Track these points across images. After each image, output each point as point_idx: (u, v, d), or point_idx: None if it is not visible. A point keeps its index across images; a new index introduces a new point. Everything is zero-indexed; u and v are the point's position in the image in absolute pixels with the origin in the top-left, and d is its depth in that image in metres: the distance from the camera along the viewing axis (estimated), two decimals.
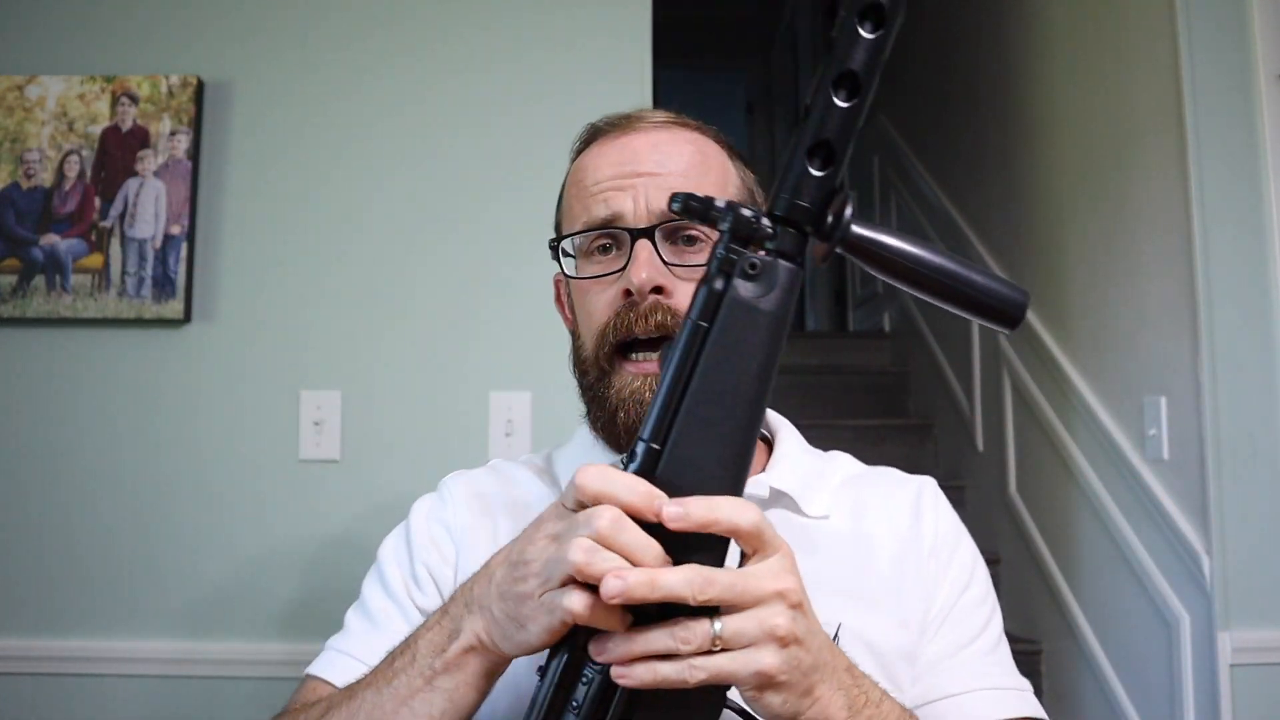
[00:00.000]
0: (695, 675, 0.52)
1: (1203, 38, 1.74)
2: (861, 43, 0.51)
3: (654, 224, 0.76)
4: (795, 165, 0.53)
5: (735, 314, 0.54)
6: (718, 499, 0.53)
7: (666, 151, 0.79)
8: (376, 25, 1.76)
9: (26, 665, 1.60)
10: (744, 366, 0.54)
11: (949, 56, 3.10)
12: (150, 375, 1.67)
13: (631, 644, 0.53)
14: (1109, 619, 2.07)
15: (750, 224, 0.53)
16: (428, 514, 0.87)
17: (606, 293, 0.78)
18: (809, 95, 0.53)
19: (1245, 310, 1.70)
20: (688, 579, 0.52)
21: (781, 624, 0.53)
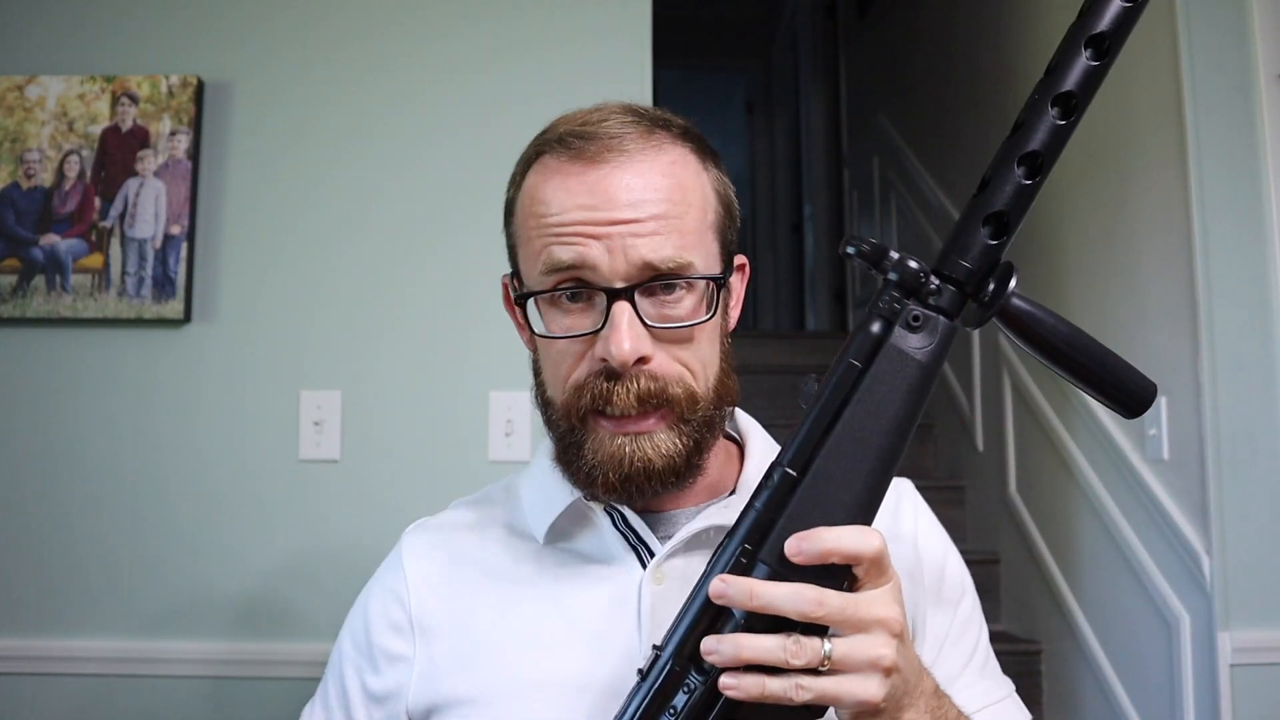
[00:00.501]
0: (801, 695, 0.54)
1: (1203, 38, 1.74)
2: (1050, 127, 0.54)
3: (633, 284, 0.68)
4: (969, 230, 0.56)
5: (892, 360, 0.56)
6: (842, 529, 0.55)
7: (641, 190, 0.69)
8: (376, 25, 1.76)
9: (26, 665, 1.60)
10: (892, 411, 0.56)
11: (949, 56, 3.10)
12: (150, 375, 1.67)
13: (741, 645, 0.54)
14: (1109, 619, 2.07)
15: (918, 278, 0.56)
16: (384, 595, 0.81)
17: (578, 348, 0.70)
18: (992, 165, 0.56)
19: (1245, 310, 1.70)
20: (796, 593, 0.54)
21: (887, 654, 0.55)
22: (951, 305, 0.56)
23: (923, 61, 3.38)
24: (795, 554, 0.55)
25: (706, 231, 0.73)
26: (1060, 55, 0.55)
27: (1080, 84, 0.54)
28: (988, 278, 0.56)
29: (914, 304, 0.56)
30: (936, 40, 3.23)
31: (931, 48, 3.28)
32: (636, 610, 0.73)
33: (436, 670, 0.76)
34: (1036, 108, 0.54)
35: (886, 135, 3.76)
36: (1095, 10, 0.54)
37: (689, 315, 0.70)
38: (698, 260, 0.70)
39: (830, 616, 0.54)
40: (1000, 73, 2.66)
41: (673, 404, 0.69)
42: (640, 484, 0.70)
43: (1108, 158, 2.07)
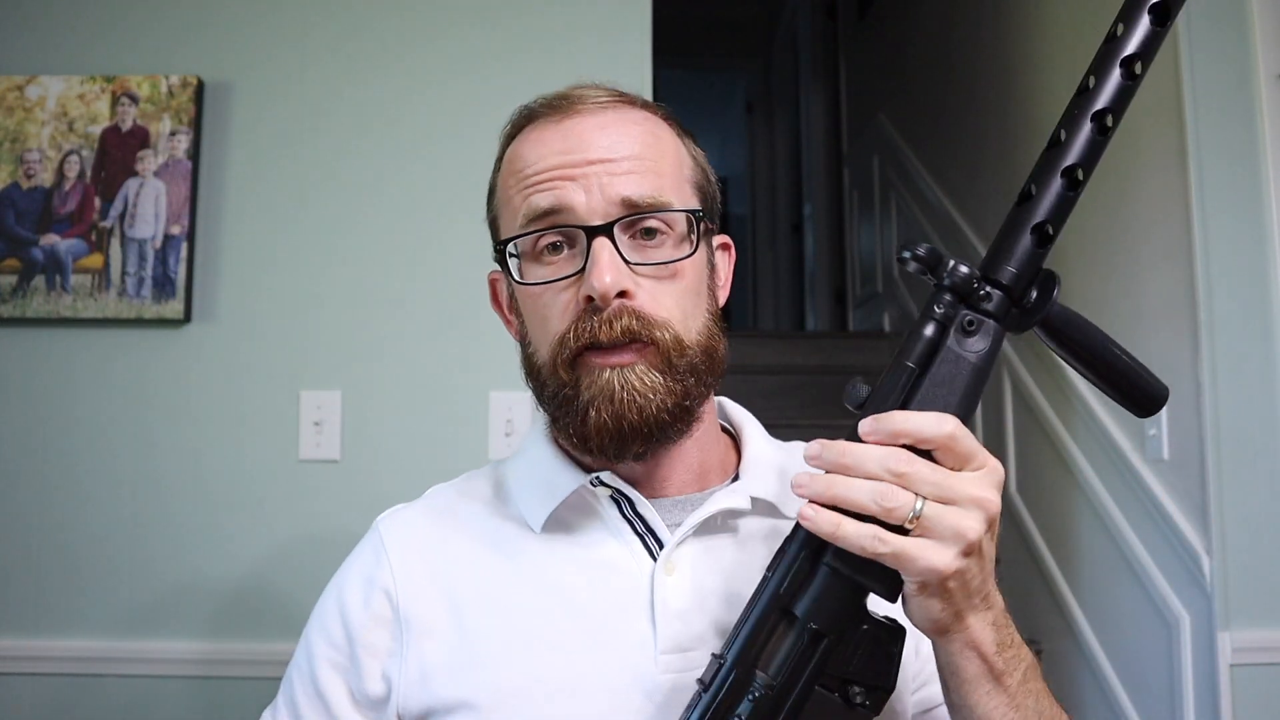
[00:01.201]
0: (878, 546, 0.53)
1: (1203, 38, 1.74)
2: (1087, 138, 0.57)
3: (612, 220, 0.68)
4: (1016, 238, 0.58)
5: (950, 364, 0.58)
6: (916, 413, 0.56)
7: (616, 134, 0.70)
8: (376, 25, 1.76)
9: (25, 665, 1.60)
10: (950, 412, 0.58)
11: (949, 56, 3.10)
12: (150, 375, 1.67)
13: (835, 482, 0.54)
14: (1109, 619, 2.07)
15: (970, 283, 0.58)
16: (364, 585, 0.76)
17: (562, 297, 0.69)
18: (1034, 177, 0.58)
19: (1245, 310, 1.70)
20: (884, 454, 0.54)
21: (973, 529, 0.54)
22: (999, 310, 0.58)
23: (923, 61, 3.38)
24: (868, 433, 0.55)
25: (684, 182, 0.73)
26: (1094, 73, 0.57)
27: (1114, 101, 0.57)
28: (1031, 285, 0.59)
29: (966, 309, 0.58)
30: (936, 40, 3.23)
31: (931, 48, 3.28)
32: (649, 602, 0.70)
33: (430, 671, 0.71)
34: (1076, 123, 0.57)
35: (886, 135, 3.76)
36: (1127, 33, 0.57)
37: (670, 255, 0.70)
38: (676, 201, 0.70)
39: (917, 476, 0.54)
40: (1000, 73, 2.66)
41: (657, 344, 0.68)
42: (633, 421, 0.67)
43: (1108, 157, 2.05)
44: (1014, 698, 0.60)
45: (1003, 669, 0.59)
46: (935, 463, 0.56)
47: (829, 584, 0.57)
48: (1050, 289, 0.58)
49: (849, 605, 0.58)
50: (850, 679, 0.59)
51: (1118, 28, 0.57)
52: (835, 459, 0.55)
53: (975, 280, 0.58)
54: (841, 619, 0.58)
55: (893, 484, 0.54)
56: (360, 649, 0.74)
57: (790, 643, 0.58)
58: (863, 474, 0.54)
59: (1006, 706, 0.60)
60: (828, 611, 0.57)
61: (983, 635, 0.58)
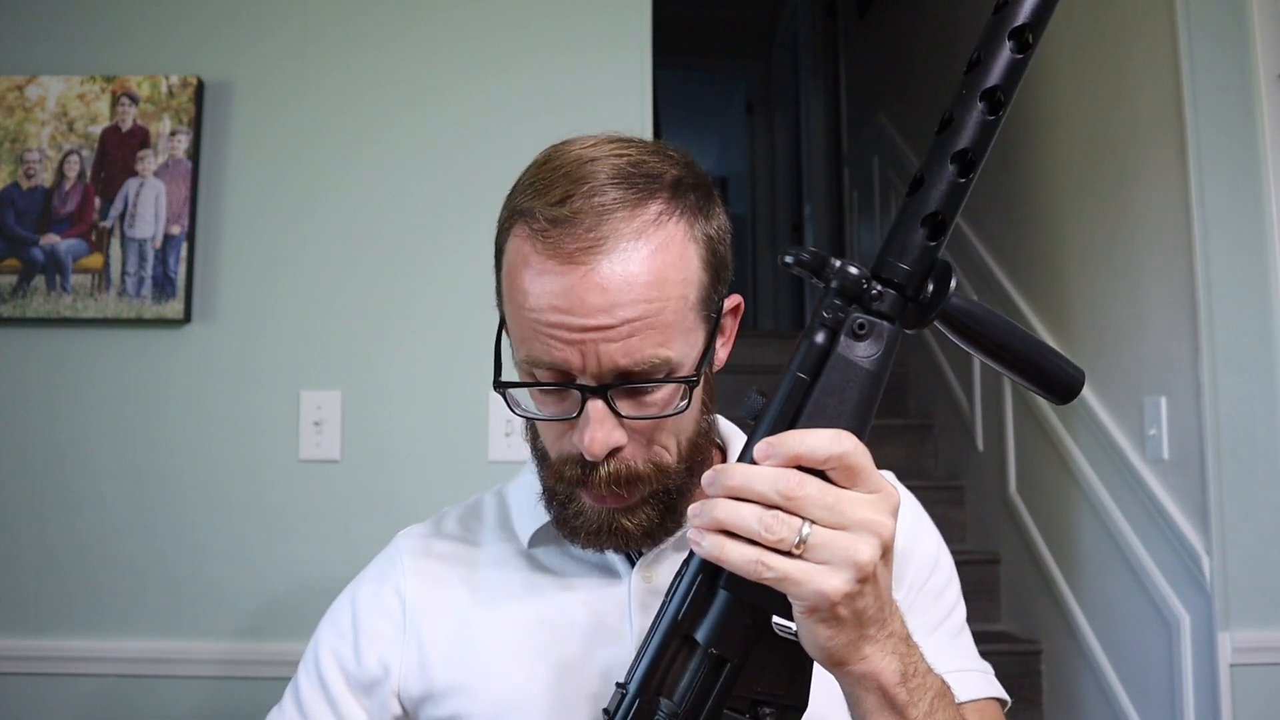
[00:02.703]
0: (761, 571, 0.51)
1: (1203, 38, 1.74)
2: (981, 122, 0.54)
3: (606, 385, 0.68)
4: (907, 232, 0.55)
5: (840, 371, 0.55)
6: (807, 431, 0.53)
7: (617, 294, 0.66)
8: (378, 26, 1.76)
9: (25, 665, 1.60)
10: (844, 422, 0.55)
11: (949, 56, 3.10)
12: (150, 375, 1.67)
13: (718, 509, 0.53)
14: (1109, 619, 2.07)
15: (860, 284, 0.55)
16: (378, 583, 0.83)
17: (556, 427, 0.73)
18: (924, 165, 0.55)
19: (1245, 310, 1.70)
20: (774, 476, 0.52)
21: (866, 554, 0.52)
22: (893, 309, 0.56)
23: (923, 61, 3.39)
24: (764, 457, 0.53)
25: (687, 315, 0.70)
26: (983, 49, 0.54)
27: (1005, 77, 0.53)
28: (926, 279, 0.56)
29: (857, 311, 0.55)
30: (936, 40, 3.23)
31: (931, 48, 3.28)
32: (627, 606, 0.77)
33: (428, 659, 0.78)
34: (965, 103, 0.54)
35: (886, 135, 3.76)
36: (1016, 3, 0.53)
37: (664, 405, 0.70)
38: (675, 351, 0.69)
39: (809, 499, 0.52)
40: None
41: (643, 481, 0.71)
42: (618, 546, 0.74)
43: (1108, 158, 2.07)
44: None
45: (906, 700, 0.56)
46: (830, 481, 0.53)
47: (727, 608, 0.56)
48: (946, 281, 0.55)
49: (749, 627, 0.56)
50: (759, 700, 0.57)
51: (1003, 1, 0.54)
52: (725, 484, 0.53)
53: (865, 280, 0.55)
54: (743, 641, 0.56)
55: (781, 509, 0.52)
56: (362, 636, 0.80)
57: (693, 669, 0.56)
58: (754, 496, 0.52)
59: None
60: (728, 635, 0.56)
61: (882, 665, 0.55)
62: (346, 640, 0.81)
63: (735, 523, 0.52)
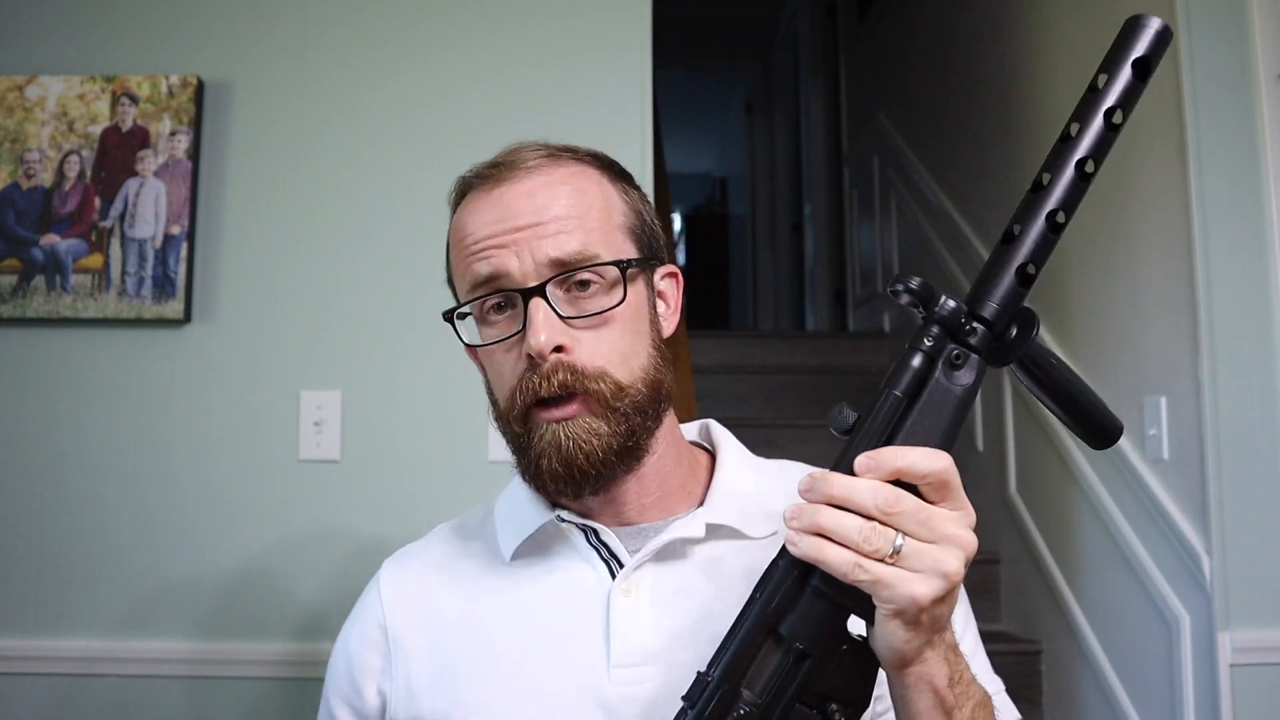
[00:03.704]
0: (858, 574, 0.55)
1: (1203, 38, 1.74)
2: (1074, 186, 0.60)
3: (543, 280, 0.74)
4: (1004, 279, 0.60)
5: (937, 395, 0.60)
6: (907, 448, 0.58)
7: (542, 199, 0.76)
8: (377, 26, 1.76)
9: (25, 665, 1.60)
10: (936, 442, 0.60)
11: (949, 56, 3.10)
12: (150, 376, 1.67)
13: (819, 515, 0.56)
14: (1109, 619, 2.07)
15: (959, 320, 0.60)
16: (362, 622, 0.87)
17: (510, 354, 0.77)
18: (1018, 218, 0.61)
19: (1245, 310, 1.70)
20: (875, 489, 0.56)
21: (953, 567, 0.56)
22: (981, 344, 0.61)
23: (923, 61, 3.39)
24: (865, 470, 0.57)
25: (614, 230, 0.78)
26: (1082, 123, 0.61)
27: (1096, 149, 0.61)
28: (1012, 322, 0.61)
29: (953, 343, 0.60)
30: (936, 40, 3.23)
31: (931, 48, 3.28)
32: (605, 621, 0.77)
33: (414, 688, 0.80)
34: (1059, 169, 0.60)
35: (886, 135, 3.76)
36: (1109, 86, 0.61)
37: (602, 304, 0.75)
38: (605, 253, 0.76)
39: (905, 514, 0.56)
40: (1000, 72, 2.66)
41: (594, 395, 0.74)
42: (581, 466, 0.74)
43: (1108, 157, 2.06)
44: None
45: (953, 704, 0.61)
46: (920, 496, 0.58)
47: (814, 605, 0.59)
48: (1030, 328, 0.61)
49: (832, 626, 0.60)
50: (829, 696, 0.60)
51: (1100, 79, 0.61)
52: (826, 491, 0.57)
53: (962, 315, 0.60)
54: (824, 639, 0.60)
55: (879, 521, 0.56)
56: (357, 672, 0.84)
57: (776, 661, 0.60)
58: (854, 507, 0.56)
59: None
60: (812, 632, 0.59)
61: (937, 670, 0.60)
62: (344, 678, 0.85)
63: (837, 530, 0.56)
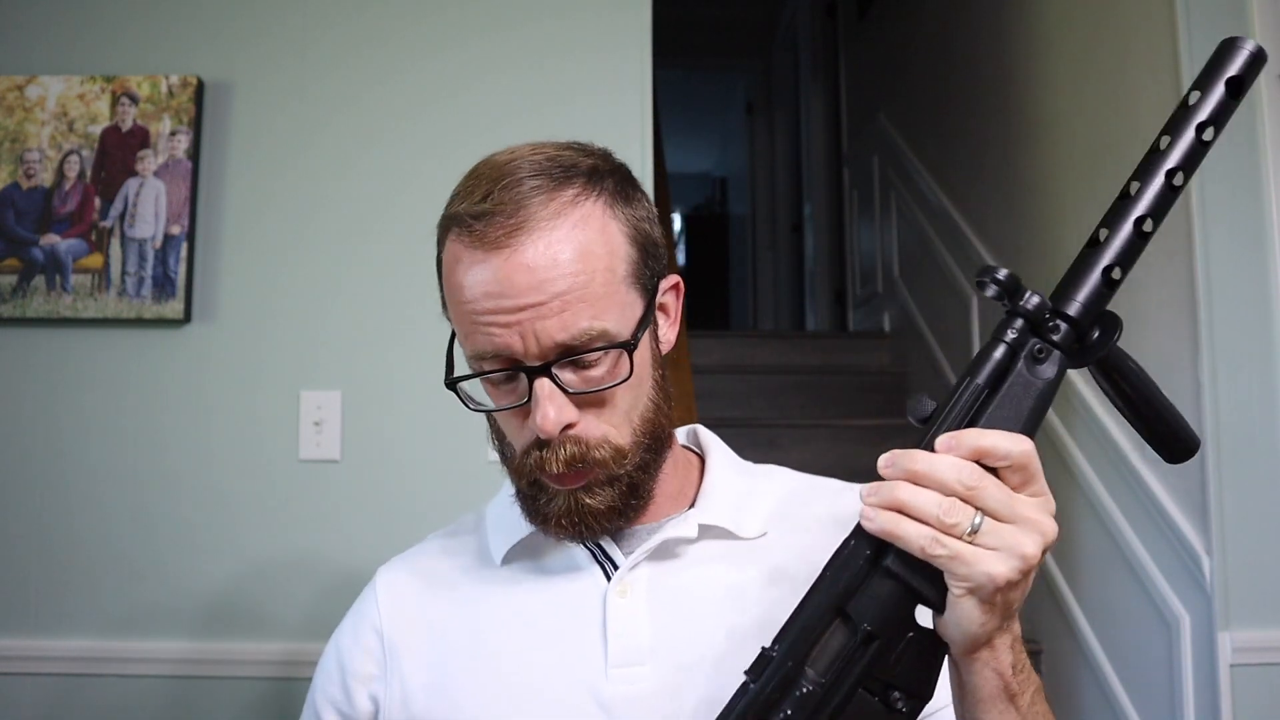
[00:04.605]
0: (936, 549, 0.55)
1: (1203, 38, 1.74)
2: (1165, 194, 0.61)
3: (549, 361, 0.71)
4: (1091, 280, 0.62)
5: (1018, 387, 0.61)
6: (989, 430, 0.58)
7: (544, 273, 0.70)
8: (378, 26, 1.76)
9: (26, 665, 1.60)
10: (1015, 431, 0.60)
11: (949, 56, 3.10)
12: (150, 375, 1.67)
13: (899, 490, 0.56)
14: (1109, 619, 2.07)
15: (1043, 315, 0.61)
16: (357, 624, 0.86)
17: (515, 419, 0.76)
18: (1106, 223, 0.62)
19: (1245, 310, 1.70)
20: (958, 465, 0.56)
21: (1031, 551, 0.56)
22: (1064, 342, 0.61)
23: (923, 61, 3.38)
24: (947, 449, 0.57)
25: (618, 287, 0.73)
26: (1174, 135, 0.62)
27: (1187, 161, 0.61)
28: (1095, 324, 0.62)
29: (1035, 337, 0.61)
30: (936, 40, 3.23)
31: (931, 48, 3.28)
32: (601, 621, 0.77)
33: (410, 694, 0.79)
34: (1150, 177, 0.61)
35: (886, 135, 3.76)
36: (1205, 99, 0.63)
37: (609, 375, 0.74)
38: (610, 323, 0.72)
39: (986, 492, 0.56)
40: (1000, 72, 2.66)
41: (599, 465, 0.74)
42: (590, 524, 0.75)
43: (1108, 157, 2.07)
44: (1024, 717, 0.62)
45: (1017, 690, 0.61)
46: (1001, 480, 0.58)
47: (885, 586, 0.59)
48: (1112, 331, 0.61)
49: (901, 610, 0.59)
50: (893, 684, 0.60)
51: (1192, 96, 0.63)
52: (907, 466, 0.57)
53: (1047, 311, 0.61)
54: (893, 623, 0.59)
55: (959, 497, 0.56)
56: (350, 677, 0.83)
57: (842, 641, 0.59)
58: (934, 484, 0.56)
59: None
60: (881, 613, 0.59)
61: (1004, 656, 0.60)
62: (335, 683, 0.84)
63: (916, 505, 0.56)
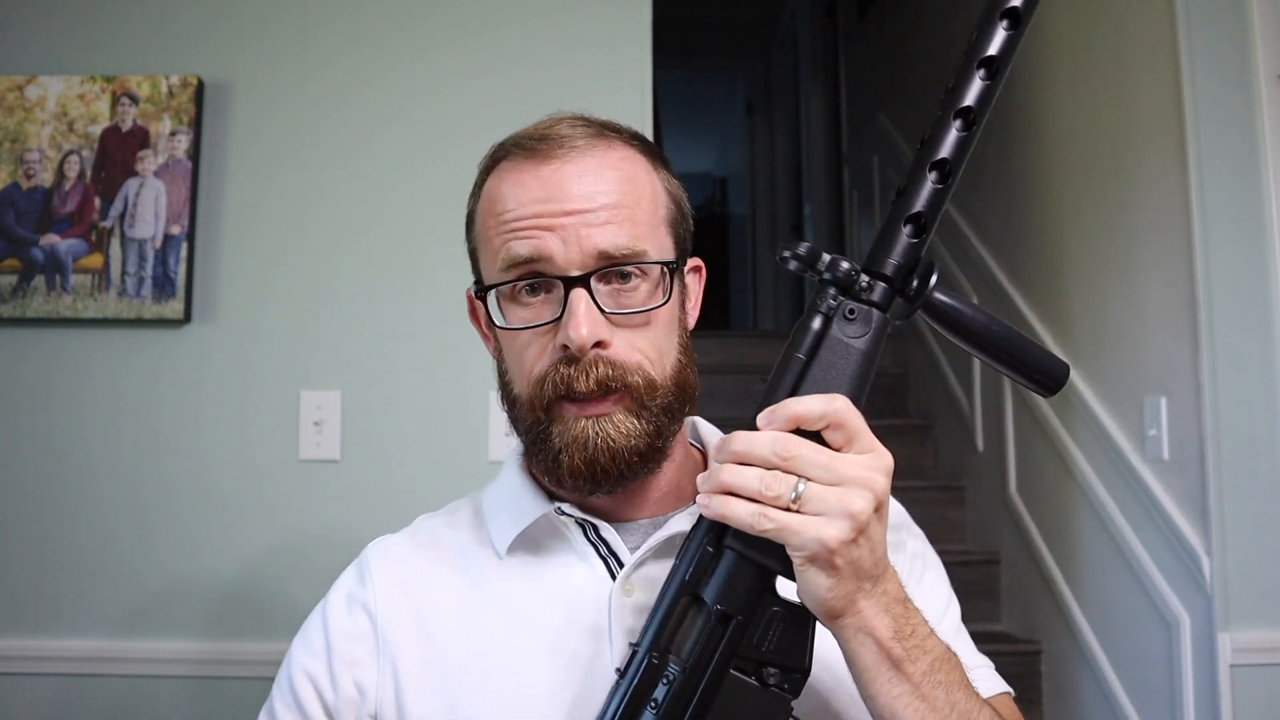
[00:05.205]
0: (762, 523, 0.56)
1: (1203, 38, 1.74)
2: (954, 135, 0.61)
3: (589, 271, 0.70)
4: (893, 230, 0.62)
5: (834, 351, 0.61)
6: (802, 397, 0.59)
7: (593, 182, 0.72)
8: (377, 26, 1.76)
9: (26, 665, 1.60)
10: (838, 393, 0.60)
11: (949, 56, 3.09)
12: (150, 376, 1.67)
13: (723, 473, 0.57)
14: (1109, 619, 2.07)
15: (850, 277, 0.61)
16: (348, 602, 0.80)
17: (540, 340, 0.72)
18: (907, 175, 0.62)
19: (1245, 310, 1.70)
20: (772, 439, 0.57)
21: (859, 506, 0.56)
22: (882, 299, 0.62)
23: (923, 61, 3.38)
24: (766, 423, 0.58)
25: (659, 225, 0.75)
26: (959, 76, 0.62)
27: (978, 100, 0.62)
28: (912, 274, 0.62)
29: (849, 300, 0.61)
30: (937, 40, 3.23)
31: (931, 48, 3.28)
32: (607, 622, 0.73)
33: (402, 685, 0.75)
34: (942, 123, 0.62)
35: (886, 135, 3.76)
36: (984, 36, 0.62)
37: (644, 302, 0.72)
38: (651, 249, 0.73)
39: (803, 458, 0.56)
40: None
41: (631, 390, 0.71)
42: (605, 464, 0.71)
43: (1108, 158, 2.07)
44: (918, 687, 0.59)
45: (902, 655, 0.59)
46: (826, 445, 0.58)
47: (732, 566, 0.60)
48: (928, 276, 0.61)
49: (754, 586, 0.60)
50: (764, 661, 0.60)
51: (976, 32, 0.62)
52: (730, 449, 0.58)
53: (855, 273, 0.61)
54: (748, 600, 0.60)
55: (778, 468, 0.56)
56: (336, 659, 0.78)
57: (700, 626, 0.60)
58: (756, 460, 0.57)
59: (911, 696, 0.59)
60: (733, 593, 0.59)
61: (877, 621, 0.58)
62: (321, 662, 0.78)
63: (738, 484, 0.57)
